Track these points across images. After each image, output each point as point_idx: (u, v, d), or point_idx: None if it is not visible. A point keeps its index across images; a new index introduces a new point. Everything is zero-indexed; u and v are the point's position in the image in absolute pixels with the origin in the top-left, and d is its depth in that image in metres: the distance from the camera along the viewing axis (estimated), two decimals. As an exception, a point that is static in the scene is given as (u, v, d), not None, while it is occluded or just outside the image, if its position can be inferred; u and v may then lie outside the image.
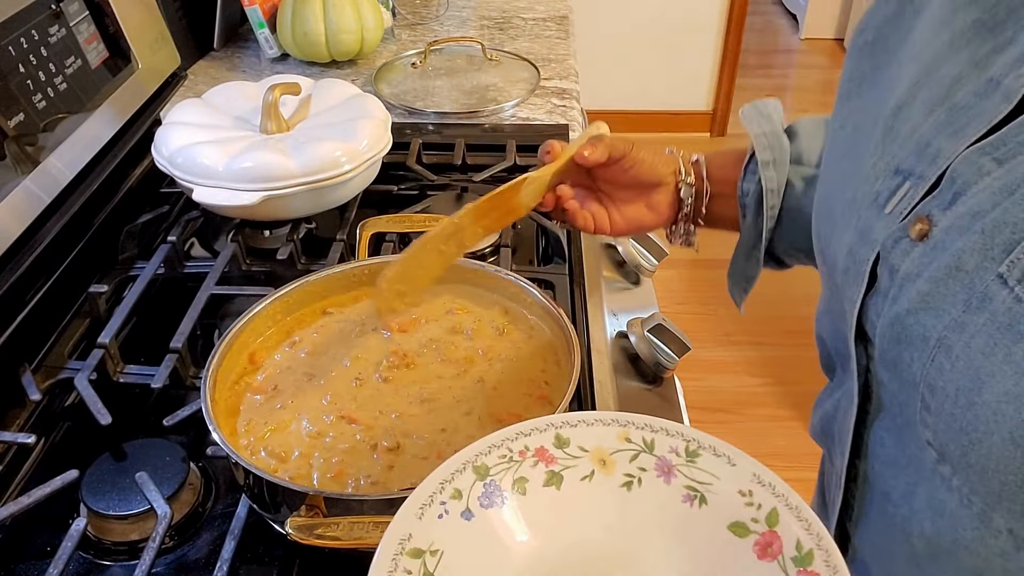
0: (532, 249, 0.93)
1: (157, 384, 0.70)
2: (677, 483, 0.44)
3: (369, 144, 0.88)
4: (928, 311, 0.42)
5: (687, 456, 0.45)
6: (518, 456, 0.45)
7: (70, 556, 0.56)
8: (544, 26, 1.53)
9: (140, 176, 0.98)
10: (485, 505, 0.44)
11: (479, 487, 0.44)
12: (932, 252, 0.43)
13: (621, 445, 0.46)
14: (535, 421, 0.46)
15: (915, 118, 0.47)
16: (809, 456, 0.73)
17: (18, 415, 0.70)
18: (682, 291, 2.61)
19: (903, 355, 0.45)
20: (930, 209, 0.44)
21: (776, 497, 0.42)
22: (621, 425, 0.46)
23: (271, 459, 0.57)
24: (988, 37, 0.45)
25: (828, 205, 0.54)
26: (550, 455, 0.46)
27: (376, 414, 0.60)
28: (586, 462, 0.46)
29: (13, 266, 0.72)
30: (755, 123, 0.73)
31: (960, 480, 0.43)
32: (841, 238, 0.51)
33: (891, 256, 0.46)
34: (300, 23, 1.29)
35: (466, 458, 0.45)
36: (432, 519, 0.43)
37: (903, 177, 0.46)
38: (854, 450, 0.54)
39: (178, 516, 0.60)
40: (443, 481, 0.44)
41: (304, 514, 0.51)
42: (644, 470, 0.45)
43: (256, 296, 0.68)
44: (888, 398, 0.49)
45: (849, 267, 0.49)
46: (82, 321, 0.80)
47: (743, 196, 0.74)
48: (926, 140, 0.45)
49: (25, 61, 0.76)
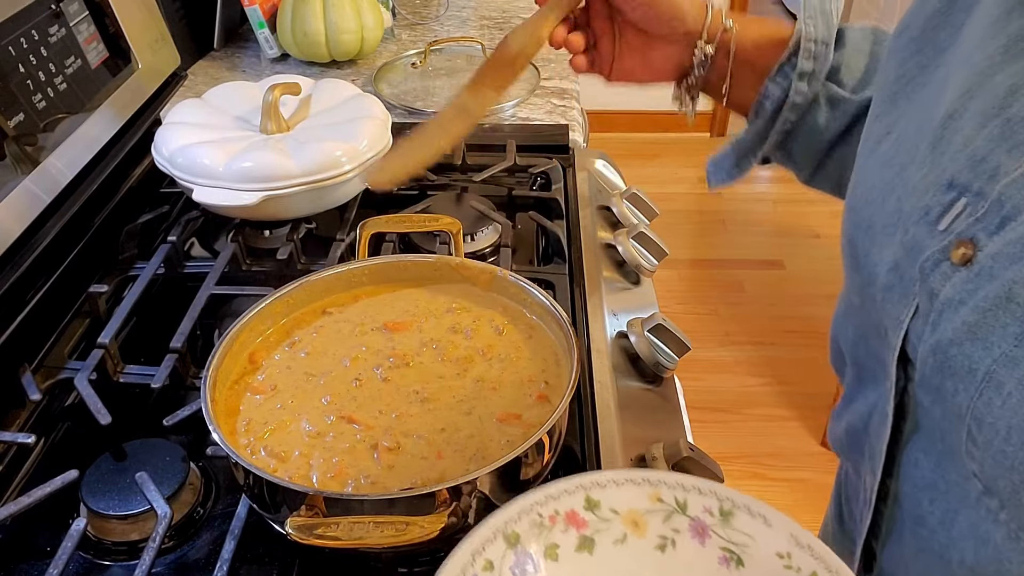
0: (532, 249, 0.93)
1: (157, 384, 0.70)
2: (712, 544, 0.43)
3: (369, 144, 0.88)
4: (975, 343, 0.40)
5: (721, 516, 0.44)
6: (548, 521, 0.44)
7: (70, 556, 0.56)
8: (544, 26, 1.53)
9: (140, 176, 0.98)
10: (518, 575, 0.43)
11: (510, 556, 0.43)
12: (977, 279, 0.41)
13: (653, 506, 0.45)
14: (564, 483, 0.45)
15: (967, 129, 0.44)
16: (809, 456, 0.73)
17: (18, 415, 0.70)
18: (682, 291, 2.61)
19: (947, 384, 0.43)
20: (975, 232, 0.41)
21: (815, 559, 0.41)
22: (652, 485, 0.45)
23: (271, 459, 0.57)
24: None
25: (867, 213, 0.51)
26: (581, 519, 0.45)
27: (376, 414, 0.60)
28: (618, 525, 0.45)
29: (13, 266, 0.72)
30: (814, 23, 0.65)
31: (1009, 515, 0.41)
32: (882, 251, 0.48)
33: (930, 279, 0.43)
34: (300, 23, 1.29)
35: (496, 526, 0.44)
36: None
37: (958, 192, 0.43)
38: (885, 469, 0.52)
39: (178, 516, 0.60)
40: (474, 552, 0.43)
41: (304, 514, 0.51)
42: (678, 531, 0.44)
43: (256, 296, 0.68)
44: (927, 422, 0.47)
45: (894, 284, 0.47)
46: (82, 321, 0.80)
47: (764, 95, 0.67)
48: (981, 154, 0.42)
49: (25, 61, 0.76)
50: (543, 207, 0.95)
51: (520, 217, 0.95)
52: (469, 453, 0.56)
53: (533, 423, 0.58)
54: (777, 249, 2.74)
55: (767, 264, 2.69)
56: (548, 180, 1.02)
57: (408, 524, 0.49)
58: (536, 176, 1.03)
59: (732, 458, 2.03)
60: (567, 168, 1.04)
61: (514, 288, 0.68)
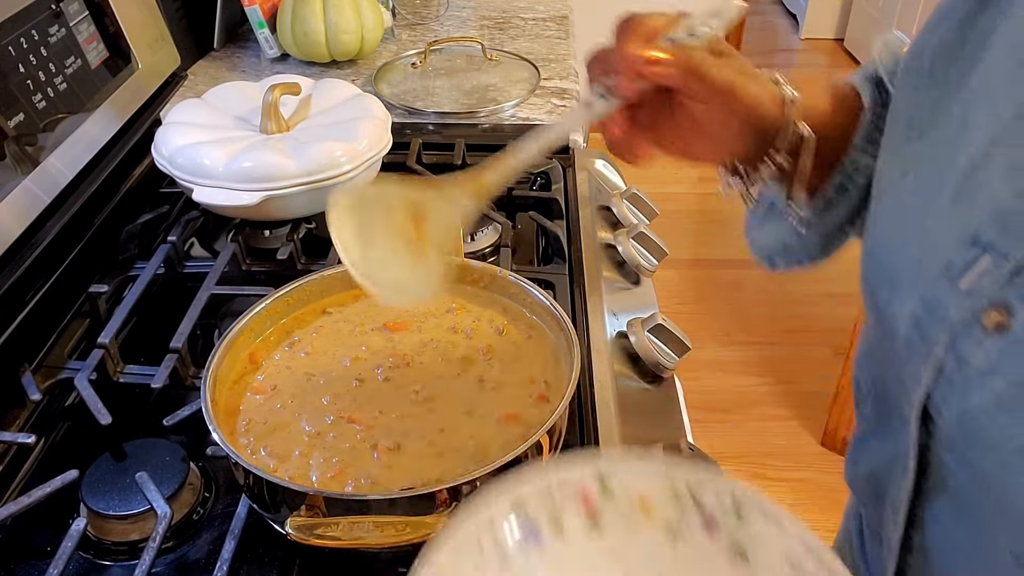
0: (532, 249, 0.93)
1: (157, 384, 0.70)
2: (721, 540, 0.43)
3: (369, 144, 0.88)
4: (1008, 415, 0.38)
5: (735, 514, 0.43)
6: (559, 499, 0.44)
7: (70, 556, 0.56)
8: (544, 26, 1.53)
9: (140, 176, 0.98)
10: (524, 547, 0.43)
11: (517, 529, 0.43)
12: (1011, 348, 0.38)
13: (666, 495, 0.44)
14: (578, 460, 0.45)
15: (994, 183, 0.41)
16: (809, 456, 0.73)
17: (18, 415, 0.70)
18: (682, 291, 2.61)
19: (974, 453, 0.41)
20: (1009, 297, 0.39)
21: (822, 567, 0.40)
22: (668, 474, 0.45)
23: (271, 459, 0.57)
24: None
25: (885, 260, 0.48)
26: (592, 500, 0.44)
27: (376, 414, 0.60)
28: (628, 509, 0.44)
29: (13, 266, 0.72)
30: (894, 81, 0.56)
31: None
32: (903, 303, 0.45)
33: (959, 343, 0.41)
34: (300, 23, 1.29)
35: (506, 498, 0.43)
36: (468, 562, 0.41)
37: (982, 249, 0.40)
38: (909, 521, 0.49)
39: (178, 516, 0.60)
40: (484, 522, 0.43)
41: (304, 514, 0.51)
42: (688, 524, 0.44)
43: (256, 296, 0.68)
44: (954, 486, 0.45)
45: (914, 341, 0.44)
46: (82, 321, 0.80)
47: (850, 172, 0.57)
48: (1011, 211, 0.40)
49: (25, 61, 0.76)
50: (543, 207, 0.95)
51: (520, 217, 0.95)
52: (469, 453, 0.56)
53: (533, 423, 0.58)
54: (777, 249, 2.74)
55: (767, 264, 2.69)
56: (548, 180, 1.02)
57: (408, 524, 0.49)
58: (536, 176, 1.03)
59: (732, 458, 2.03)
60: (567, 168, 1.04)
61: (514, 288, 0.68)
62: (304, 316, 0.69)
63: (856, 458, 0.58)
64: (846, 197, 0.58)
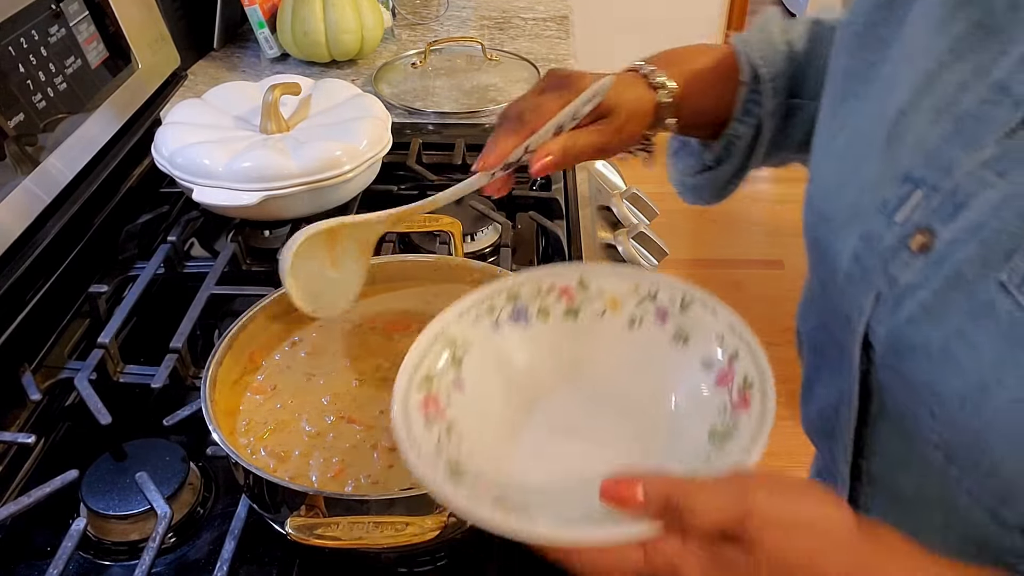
0: (532, 249, 0.93)
1: (157, 384, 0.70)
2: (669, 326, 0.53)
3: (369, 144, 0.88)
4: (930, 321, 0.43)
5: (681, 306, 0.53)
6: (546, 291, 0.55)
7: (70, 556, 0.56)
8: (544, 26, 1.53)
9: (140, 176, 0.98)
10: (512, 322, 0.55)
11: (509, 308, 0.55)
12: (934, 265, 0.43)
13: (631, 292, 0.55)
14: (565, 264, 0.56)
15: (921, 126, 0.46)
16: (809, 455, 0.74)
17: (18, 415, 0.70)
18: (682, 291, 2.61)
19: (906, 364, 0.45)
20: (931, 221, 0.44)
21: (742, 342, 0.50)
22: (635, 277, 0.55)
23: (271, 459, 0.57)
24: (989, 41, 0.44)
25: (826, 206, 0.54)
26: (572, 293, 0.55)
27: (376, 414, 0.60)
28: (600, 303, 0.55)
29: (13, 266, 0.72)
30: (765, 61, 0.66)
31: (970, 482, 0.44)
32: (844, 243, 0.51)
33: (890, 267, 0.46)
34: (300, 23, 1.29)
35: (504, 286, 0.55)
36: (468, 322, 0.53)
37: (913, 185, 0.46)
38: (857, 449, 0.54)
39: (178, 516, 0.60)
40: (483, 298, 0.54)
41: (304, 514, 0.51)
42: (645, 314, 0.54)
43: (256, 296, 0.68)
44: (892, 402, 0.50)
45: (855, 274, 0.49)
46: (82, 321, 0.80)
47: (734, 137, 0.68)
48: (936, 149, 0.45)
49: (25, 61, 0.76)
50: (543, 207, 0.95)
51: (520, 217, 0.95)
52: (469, 453, 0.56)
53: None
54: (777, 249, 2.74)
55: (767, 264, 2.69)
56: (548, 180, 1.02)
57: (408, 524, 0.49)
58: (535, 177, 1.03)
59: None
60: (567, 168, 1.04)
61: (514, 288, 0.68)
62: (304, 316, 0.68)
63: (806, 405, 0.63)
64: (732, 157, 0.69)
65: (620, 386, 0.53)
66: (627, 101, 0.61)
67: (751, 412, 0.47)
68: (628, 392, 0.53)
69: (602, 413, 0.53)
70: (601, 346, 0.55)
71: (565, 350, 0.54)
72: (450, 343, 0.52)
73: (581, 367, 0.54)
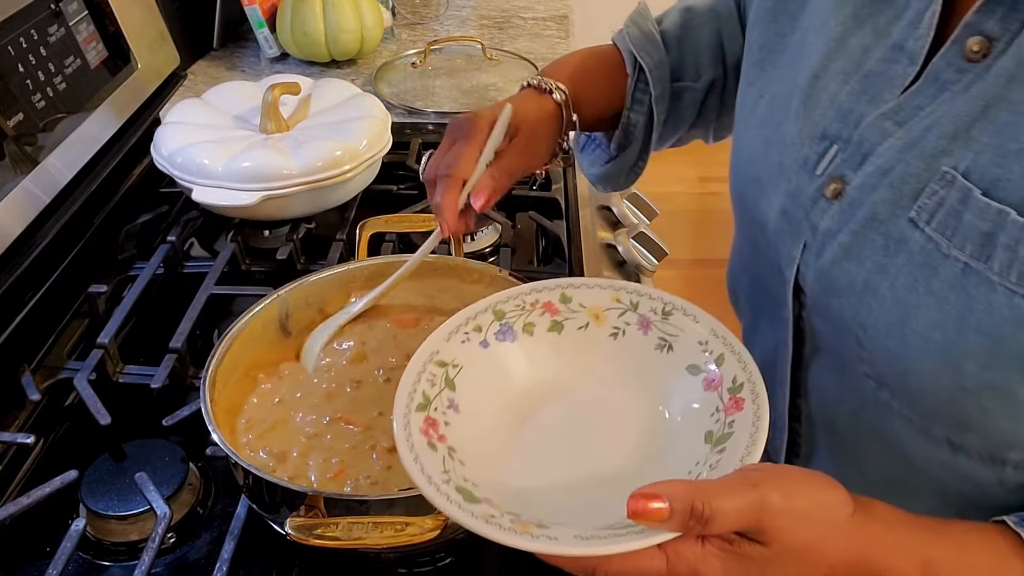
0: (532, 249, 0.93)
1: (157, 384, 0.70)
2: (652, 335, 0.55)
3: (369, 144, 0.88)
4: (851, 260, 0.48)
5: (663, 315, 0.55)
6: (529, 307, 0.57)
7: (69, 556, 0.56)
8: (544, 26, 1.53)
9: (140, 176, 0.98)
10: (500, 339, 0.55)
11: (496, 325, 0.56)
12: (849, 208, 0.48)
13: (613, 304, 0.56)
14: (545, 282, 0.58)
15: (832, 87, 0.52)
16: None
17: (18, 415, 0.70)
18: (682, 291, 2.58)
19: (833, 302, 0.50)
20: (843, 171, 0.49)
21: (725, 345, 0.51)
22: (615, 289, 0.57)
23: (270, 459, 0.57)
24: (885, 7, 0.50)
25: (751, 169, 0.58)
26: (555, 308, 0.57)
27: (375, 415, 0.60)
28: (583, 316, 0.56)
29: (13, 266, 0.72)
30: (645, 52, 0.72)
31: (900, 403, 0.49)
32: (771, 201, 0.55)
33: (811, 215, 0.51)
34: (300, 23, 1.29)
35: (488, 304, 0.56)
36: (457, 343, 0.54)
37: (830, 142, 0.51)
38: (795, 392, 0.59)
39: (178, 516, 0.60)
40: (468, 318, 0.55)
41: (304, 514, 0.51)
42: (628, 324, 0.56)
43: (256, 296, 0.68)
44: (823, 342, 0.54)
45: (783, 228, 0.54)
46: (82, 321, 0.80)
47: (630, 124, 0.74)
48: (847, 107, 0.50)
49: (24, 61, 0.76)
50: (543, 207, 0.95)
51: (520, 217, 0.95)
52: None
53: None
54: (777, 249, 2.74)
55: (767, 264, 2.69)
56: (548, 180, 1.01)
57: (408, 524, 0.49)
58: (536, 176, 1.03)
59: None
60: (567, 168, 1.04)
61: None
62: (304, 317, 0.68)
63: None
64: (632, 143, 0.75)
65: (611, 397, 0.54)
66: (529, 114, 0.67)
67: (745, 413, 0.47)
68: (620, 402, 0.54)
69: (596, 422, 0.53)
70: (588, 358, 0.55)
71: (554, 364, 0.55)
72: (441, 364, 0.53)
73: (571, 380, 0.55)
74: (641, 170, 0.78)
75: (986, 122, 0.43)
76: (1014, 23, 0.42)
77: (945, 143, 0.44)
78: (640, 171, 0.78)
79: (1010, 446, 0.46)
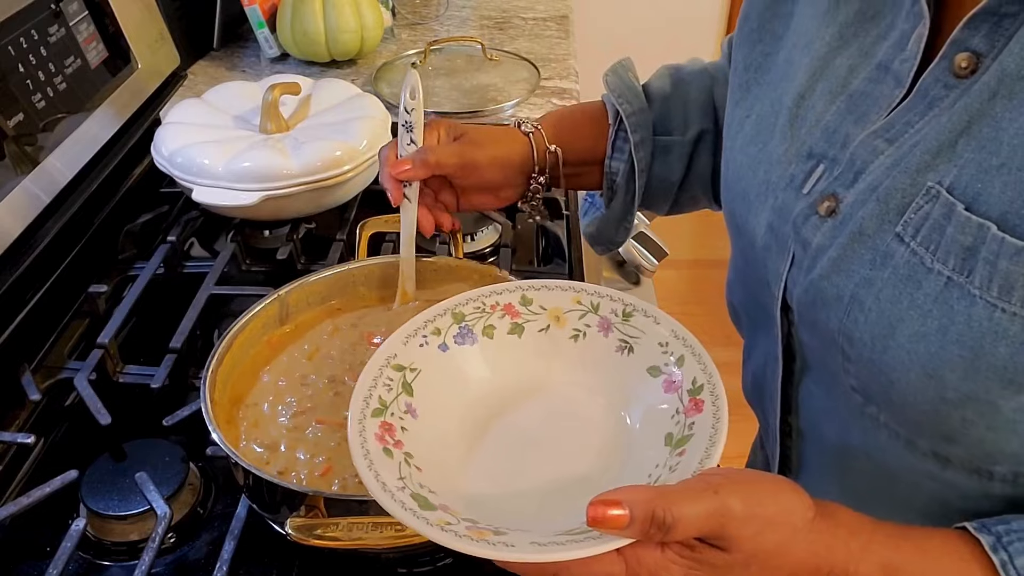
0: (532, 249, 0.93)
1: (157, 384, 0.70)
2: (613, 337, 0.55)
3: (369, 144, 0.88)
4: (840, 274, 0.48)
5: (623, 316, 0.55)
6: (490, 309, 0.56)
7: (70, 556, 0.56)
8: (544, 26, 1.53)
9: (140, 176, 0.98)
10: (459, 342, 0.55)
11: (455, 328, 0.55)
12: (840, 225, 0.49)
13: (573, 306, 0.56)
14: (506, 283, 0.57)
15: (818, 107, 0.52)
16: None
17: (18, 415, 0.70)
18: (682, 291, 2.61)
19: (820, 316, 0.50)
20: (835, 188, 0.50)
21: (686, 347, 0.51)
22: (576, 291, 0.57)
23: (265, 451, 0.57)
24: (871, 26, 0.51)
25: (740, 186, 0.58)
26: (516, 310, 0.57)
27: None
28: (544, 318, 0.56)
29: (13, 266, 0.72)
30: (625, 99, 0.73)
31: (886, 416, 0.49)
32: (759, 217, 0.56)
33: (803, 231, 0.51)
34: (300, 23, 1.29)
35: (447, 306, 0.56)
36: (415, 346, 0.53)
37: (816, 160, 0.52)
38: (784, 407, 0.59)
39: (178, 516, 0.60)
40: (427, 321, 0.55)
41: (304, 514, 0.51)
42: (589, 326, 0.56)
43: (256, 296, 0.68)
44: (811, 356, 0.55)
45: (771, 243, 0.55)
46: (82, 321, 0.80)
47: (612, 174, 0.75)
48: (833, 127, 0.51)
49: (25, 61, 0.76)
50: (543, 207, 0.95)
51: (520, 217, 0.95)
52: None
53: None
54: (777, 249, 2.74)
55: (767, 264, 2.69)
56: (548, 180, 1.01)
57: (408, 524, 0.49)
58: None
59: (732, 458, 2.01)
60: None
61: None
62: (304, 317, 0.69)
63: (744, 371, 0.67)
64: (616, 194, 0.75)
65: (572, 398, 0.54)
66: (483, 128, 0.70)
67: (704, 415, 0.47)
68: (581, 404, 0.53)
69: (557, 426, 0.53)
70: (549, 361, 0.55)
71: (514, 367, 0.55)
72: (399, 368, 0.52)
73: (531, 383, 0.55)
74: (631, 224, 0.78)
75: (969, 137, 0.43)
76: (1000, 38, 0.42)
77: (930, 159, 0.44)
78: (630, 226, 0.79)
79: (995, 458, 0.47)
